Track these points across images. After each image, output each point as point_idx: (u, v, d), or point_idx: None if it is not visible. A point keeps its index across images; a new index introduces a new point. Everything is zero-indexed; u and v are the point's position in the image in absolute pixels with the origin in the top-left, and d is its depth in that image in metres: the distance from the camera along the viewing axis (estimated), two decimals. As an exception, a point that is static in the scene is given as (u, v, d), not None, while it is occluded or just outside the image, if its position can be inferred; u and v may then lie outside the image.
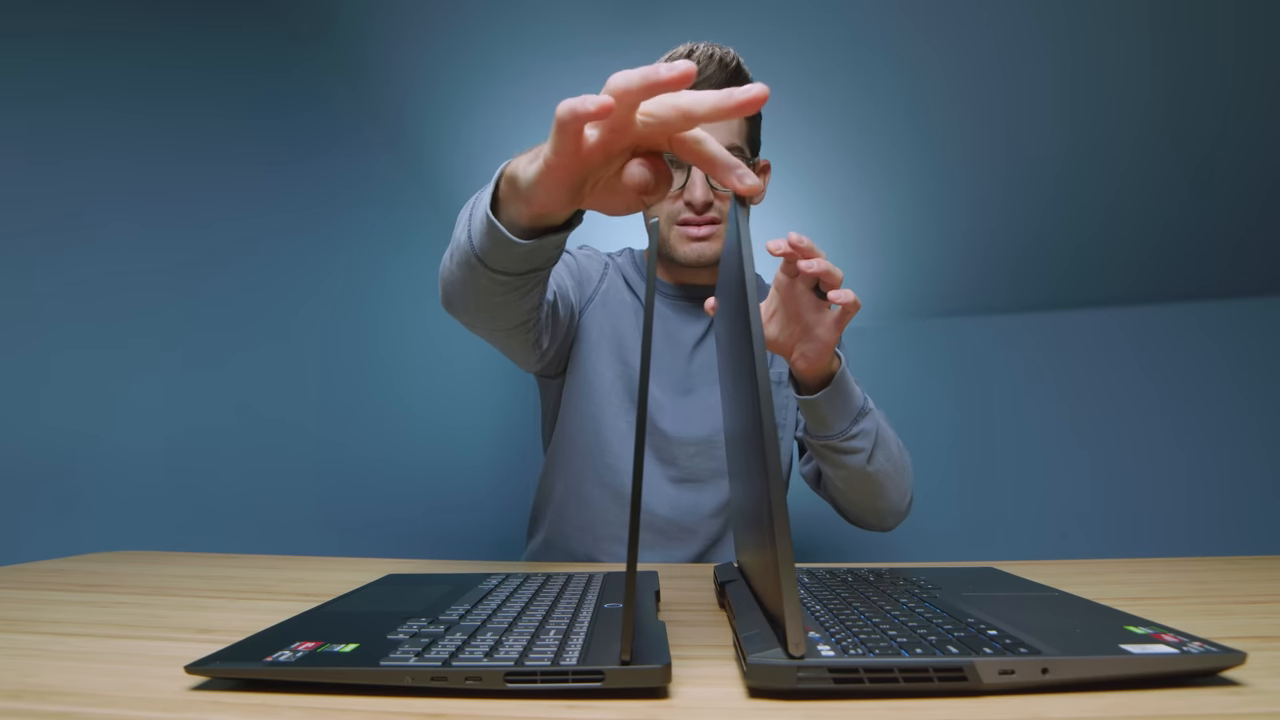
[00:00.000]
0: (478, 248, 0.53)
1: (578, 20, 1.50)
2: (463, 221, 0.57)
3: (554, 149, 0.40)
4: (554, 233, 0.51)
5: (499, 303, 0.60)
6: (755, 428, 0.34)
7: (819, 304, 0.67)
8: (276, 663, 0.34)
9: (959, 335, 2.22)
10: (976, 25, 1.43)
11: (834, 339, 0.67)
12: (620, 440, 0.85)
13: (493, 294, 0.58)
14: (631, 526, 0.32)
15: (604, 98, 0.36)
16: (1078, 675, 0.32)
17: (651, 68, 0.36)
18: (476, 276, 0.56)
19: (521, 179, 0.46)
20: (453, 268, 0.59)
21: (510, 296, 0.59)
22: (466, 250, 0.55)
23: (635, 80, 0.36)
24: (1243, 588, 0.57)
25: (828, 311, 0.66)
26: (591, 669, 0.32)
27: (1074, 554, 1.37)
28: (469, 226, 0.55)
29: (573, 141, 0.39)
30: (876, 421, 0.76)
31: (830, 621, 0.40)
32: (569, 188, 0.44)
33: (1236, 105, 1.53)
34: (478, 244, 0.53)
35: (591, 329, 0.86)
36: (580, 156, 0.40)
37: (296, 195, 1.44)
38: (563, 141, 0.39)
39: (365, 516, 1.55)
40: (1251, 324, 1.97)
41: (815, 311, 0.67)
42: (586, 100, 0.36)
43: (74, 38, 1.04)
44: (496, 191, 0.51)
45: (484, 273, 0.55)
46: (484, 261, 0.54)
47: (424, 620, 0.42)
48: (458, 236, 0.57)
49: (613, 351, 0.86)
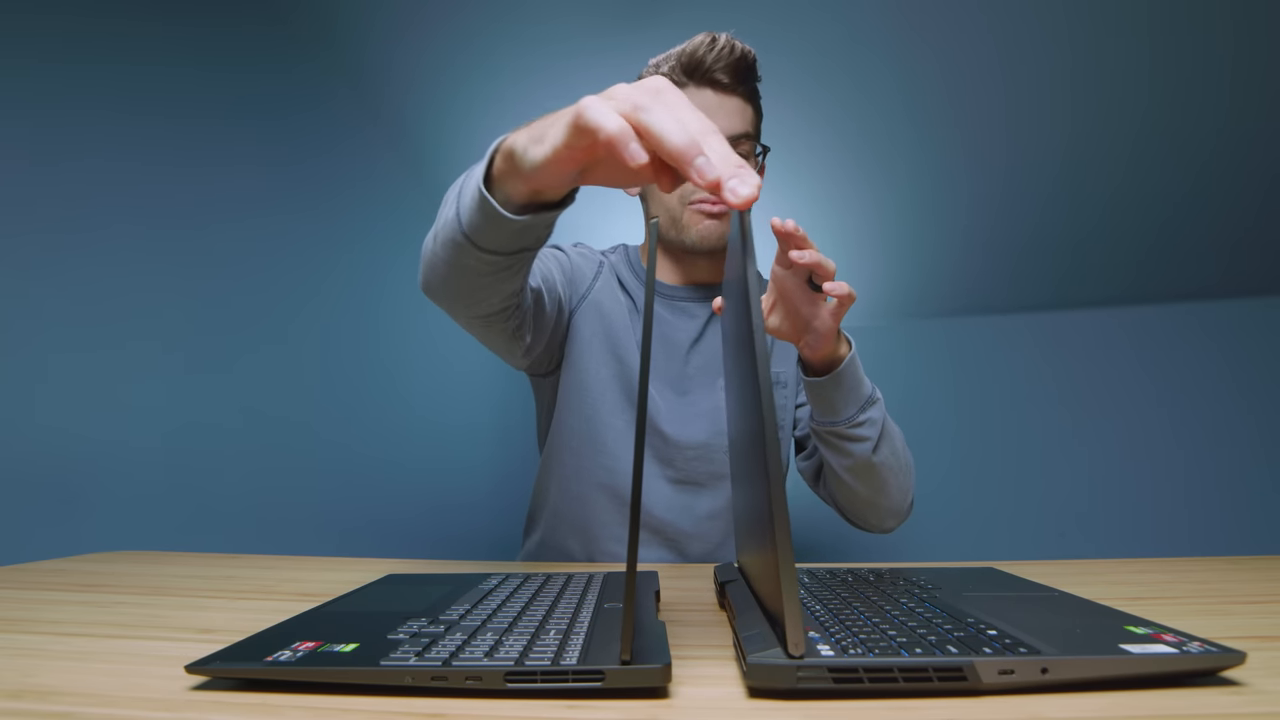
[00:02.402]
0: (466, 225, 0.52)
1: (578, 20, 1.50)
2: (451, 199, 0.56)
3: (566, 142, 0.40)
4: (548, 210, 0.51)
5: (482, 284, 0.59)
6: (757, 427, 0.34)
7: (814, 296, 0.67)
8: (277, 663, 0.34)
9: (958, 335, 2.22)
10: (975, 26, 1.43)
11: (832, 329, 0.67)
12: (617, 439, 0.85)
13: (479, 274, 0.57)
14: (631, 526, 0.32)
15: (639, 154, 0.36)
16: (1077, 675, 0.32)
17: (697, 155, 0.35)
18: (463, 256, 0.55)
19: (525, 159, 0.45)
20: (436, 248, 0.58)
21: (495, 277, 0.58)
22: (454, 228, 0.54)
23: (675, 150, 0.35)
24: (1242, 588, 0.57)
25: (824, 303, 0.67)
26: (592, 669, 0.32)
27: (1073, 554, 1.37)
28: (458, 203, 0.53)
29: (588, 138, 0.39)
30: (884, 413, 0.77)
31: (830, 621, 0.40)
32: (575, 171, 0.44)
33: (1235, 106, 1.53)
34: (467, 221, 0.52)
35: (584, 327, 0.86)
36: (593, 152, 0.40)
37: (297, 196, 1.44)
38: (578, 138, 0.39)
39: (365, 516, 1.55)
40: (1250, 324, 1.98)
41: (810, 304, 0.68)
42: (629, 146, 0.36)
43: (74, 38, 1.04)
44: (490, 168, 0.50)
45: (471, 252, 0.54)
46: (472, 240, 0.53)
47: (424, 620, 0.42)
48: (445, 214, 0.56)
49: (608, 350, 0.86)
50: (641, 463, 0.32)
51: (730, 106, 0.80)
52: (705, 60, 0.77)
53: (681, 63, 0.78)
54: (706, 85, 0.79)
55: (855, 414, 0.73)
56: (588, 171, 0.46)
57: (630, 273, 0.91)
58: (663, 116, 0.36)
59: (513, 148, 0.47)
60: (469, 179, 0.53)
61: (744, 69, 0.79)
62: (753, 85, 0.82)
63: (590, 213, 1.90)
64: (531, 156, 0.44)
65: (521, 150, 0.46)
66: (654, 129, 0.36)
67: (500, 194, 0.50)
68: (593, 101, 0.38)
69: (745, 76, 0.80)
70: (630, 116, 0.37)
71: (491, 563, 0.73)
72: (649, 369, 0.35)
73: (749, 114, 0.82)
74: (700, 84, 0.79)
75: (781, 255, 0.64)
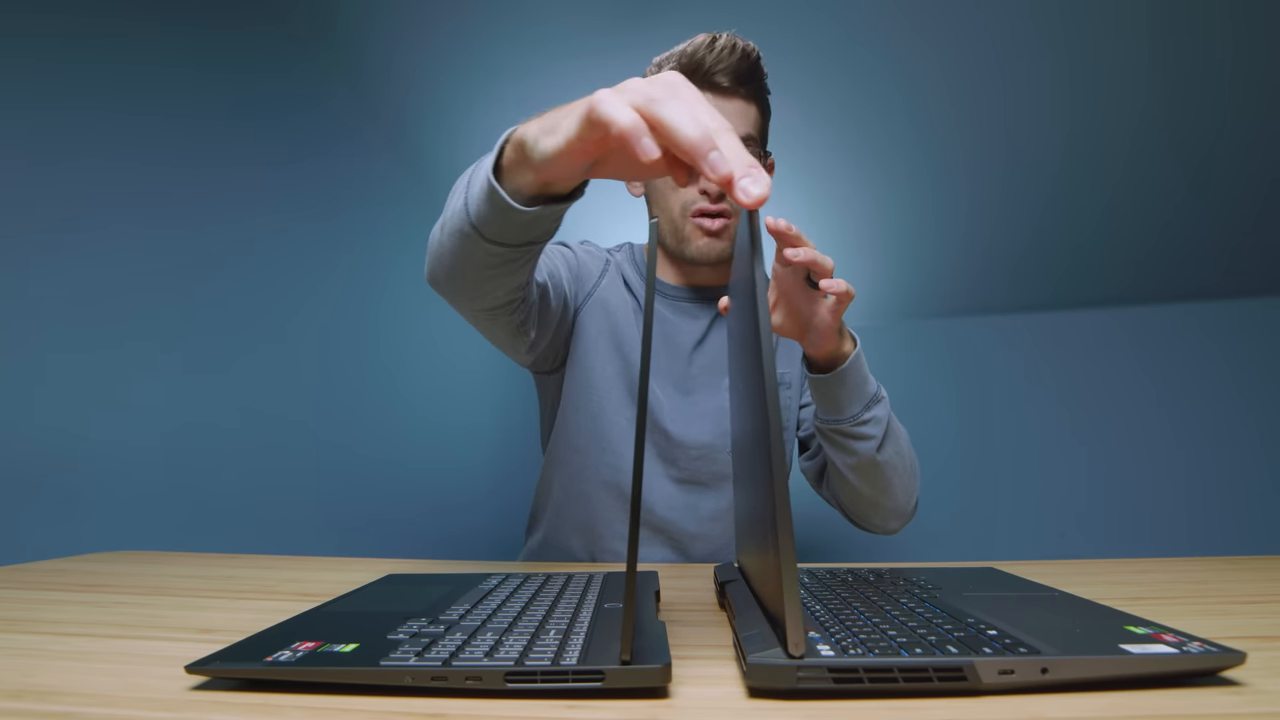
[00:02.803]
0: (474, 216, 0.52)
1: (578, 20, 1.50)
2: (459, 190, 0.55)
3: (579, 134, 0.40)
4: (557, 202, 0.51)
5: (489, 276, 0.59)
6: (761, 425, 0.34)
7: (813, 294, 0.67)
8: (277, 663, 0.34)
9: (958, 335, 2.22)
10: (975, 26, 1.43)
11: (832, 326, 0.67)
12: (621, 437, 0.85)
13: (485, 266, 0.57)
14: (631, 526, 0.32)
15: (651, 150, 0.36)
16: (1077, 675, 0.32)
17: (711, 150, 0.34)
18: (470, 247, 0.55)
19: (536, 151, 0.45)
20: (443, 239, 0.57)
21: (502, 270, 0.58)
22: (462, 219, 0.53)
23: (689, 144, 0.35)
24: (1241, 588, 0.57)
25: (823, 301, 0.67)
26: (592, 669, 0.32)
27: (1073, 554, 1.37)
28: (466, 194, 0.53)
29: (600, 131, 0.39)
30: (889, 412, 0.76)
31: (830, 621, 0.40)
32: (586, 164, 0.44)
33: (1234, 106, 1.53)
34: (475, 212, 0.52)
35: (589, 325, 0.86)
36: (606, 144, 0.40)
37: (296, 195, 1.44)
38: (590, 131, 0.39)
39: (365, 516, 1.55)
40: (1250, 324, 1.98)
41: (810, 302, 0.68)
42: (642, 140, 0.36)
43: (74, 39, 1.04)
44: (499, 159, 0.50)
45: (479, 243, 0.54)
46: (480, 231, 0.53)
47: (424, 620, 0.42)
48: (453, 205, 0.55)
49: (613, 348, 0.86)
50: (641, 461, 0.32)
51: (731, 109, 0.79)
52: (705, 62, 0.76)
53: (681, 64, 0.77)
54: (707, 88, 0.77)
55: (860, 412, 0.73)
56: (599, 164, 0.45)
57: (635, 271, 0.91)
58: (677, 110, 0.36)
59: (524, 138, 0.46)
60: (478, 169, 0.52)
61: (745, 70, 0.78)
62: (757, 86, 0.81)
63: (595, 211, 1.90)
64: (543, 148, 0.44)
65: (533, 141, 0.45)
66: (668, 122, 0.36)
67: (510, 185, 0.50)
68: (606, 95, 0.38)
69: (747, 77, 0.79)
70: (644, 110, 0.36)
71: (491, 563, 0.73)
72: (649, 366, 0.35)
73: (752, 115, 0.81)
74: (700, 86, 0.77)
75: (780, 254, 0.64)
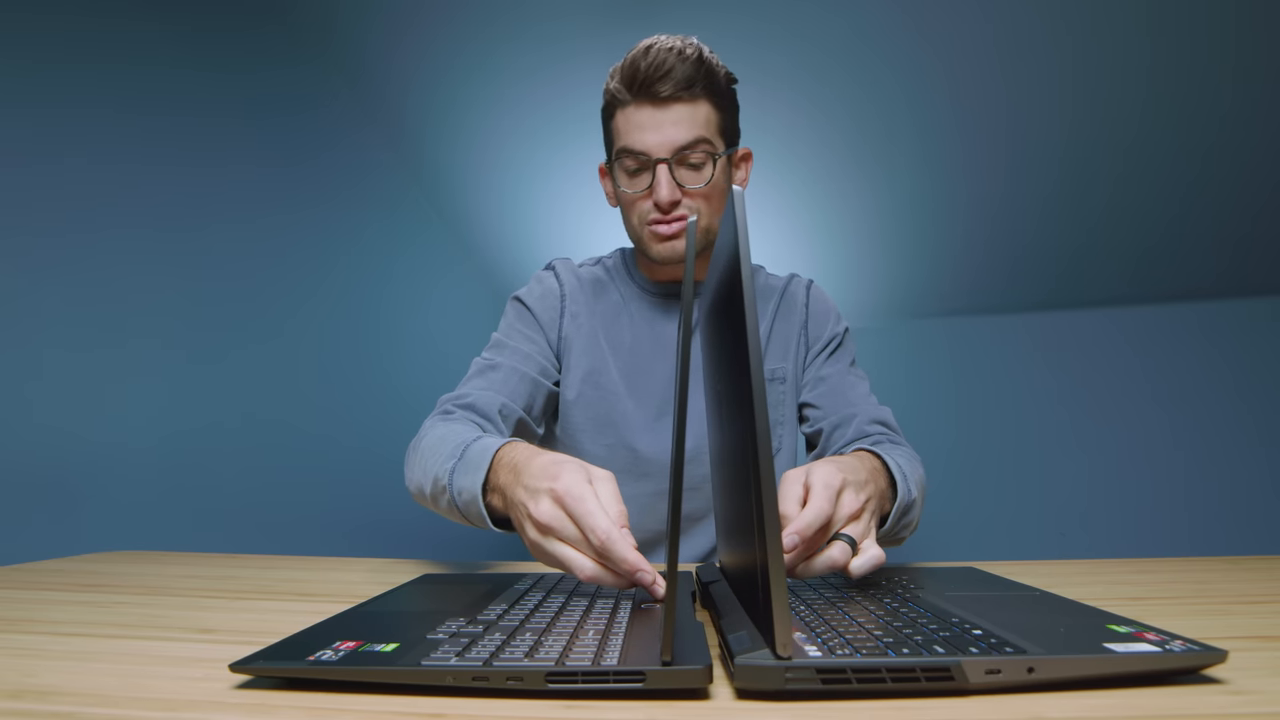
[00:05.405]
0: (463, 512, 0.61)
1: (578, 20, 1.50)
2: (441, 479, 0.62)
3: (525, 543, 0.50)
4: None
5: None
6: (747, 428, 0.35)
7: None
8: (319, 662, 0.34)
9: (959, 335, 2.22)
10: (976, 26, 1.43)
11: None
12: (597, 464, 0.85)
13: (466, 522, 0.64)
14: (671, 529, 0.32)
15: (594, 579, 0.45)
16: (1063, 674, 0.32)
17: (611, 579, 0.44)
18: (452, 516, 0.64)
19: (503, 512, 0.55)
20: (428, 498, 0.66)
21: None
22: (448, 509, 0.62)
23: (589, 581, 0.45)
24: (1241, 588, 0.57)
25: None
26: (633, 669, 0.32)
27: (1074, 554, 1.37)
28: (453, 497, 0.60)
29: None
30: (914, 498, 0.67)
31: (815, 622, 0.40)
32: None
33: (1235, 107, 1.53)
34: (463, 511, 0.60)
35: (567, 358, 0.87)
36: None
37: (297, 195, 1.45)
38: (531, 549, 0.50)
39: (366, 516, 1.56)
40: (1250, 324, 1.97)
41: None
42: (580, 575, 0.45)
43: (74, 39, 1.05)
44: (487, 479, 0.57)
45: (460, 519, 0.63)
46: (469, 520, 0.61)
47: (462, 620, 0.41)
48: (438, 481, 0.62)
49: (583, 377, 0.86)
50: (681, 467, 0.33)
51: (673, 117, 0.75)
52: (639, 71, 0.74)
53: (623, 77, 0.76)
54: (646, 100, 0.75)
55: (893, 530, 0.65)
56: None
57: (625, 274, 0.91)
58: (568, 556, 0.45)
59: (504, 492, 0.54)
60: (467, 491, 0.58)
61: (685, 73, 0.73)
62: (705, 84, 0.76)
63: (578, 221, 1.90)
64: (507, 514, 0.54)
65: (501, 508, 0.55)
66: (570, 567, 0.45)
67: (487, 500, 0.57)
68: (531, 543, 0.49)
69: (689, 80, 0.74)
70: (552, 553, 0.46)
71: (518, 563, 0.74)
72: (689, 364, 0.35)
73: (701, 115, 0.76)
74: (640, 99, 0.75)
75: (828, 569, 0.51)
